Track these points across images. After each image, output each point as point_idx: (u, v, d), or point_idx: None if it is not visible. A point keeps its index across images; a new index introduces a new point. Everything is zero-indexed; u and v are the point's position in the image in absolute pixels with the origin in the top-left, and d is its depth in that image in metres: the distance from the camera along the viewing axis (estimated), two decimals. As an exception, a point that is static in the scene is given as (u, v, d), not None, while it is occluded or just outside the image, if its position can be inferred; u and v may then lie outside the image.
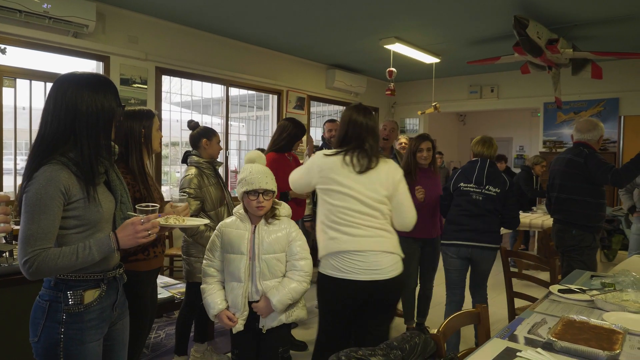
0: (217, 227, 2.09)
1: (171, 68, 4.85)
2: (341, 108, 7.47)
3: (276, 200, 2.06)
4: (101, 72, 4.37)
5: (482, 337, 1.77)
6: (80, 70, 1.53)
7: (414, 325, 3.61)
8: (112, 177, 1.59)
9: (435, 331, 1.57)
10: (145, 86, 4.61)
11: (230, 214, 2.77)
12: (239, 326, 1.99)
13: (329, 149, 2.23)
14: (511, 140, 9.17)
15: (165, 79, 5.06)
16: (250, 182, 1.95)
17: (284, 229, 2.02)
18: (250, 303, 2.01)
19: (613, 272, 2.52)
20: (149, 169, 2.17)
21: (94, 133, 1.44)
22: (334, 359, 1.26)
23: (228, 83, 5.48)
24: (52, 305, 1.43)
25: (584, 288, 2.19)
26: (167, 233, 2.27)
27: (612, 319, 1.76)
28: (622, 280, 2.22)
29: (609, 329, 1.64)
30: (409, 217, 2.10)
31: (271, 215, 2.01)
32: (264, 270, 1.97)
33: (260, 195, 1.95)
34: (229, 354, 3.04)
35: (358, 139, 2.08)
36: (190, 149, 2.91)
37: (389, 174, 2.08)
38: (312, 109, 6.97)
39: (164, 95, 5.00)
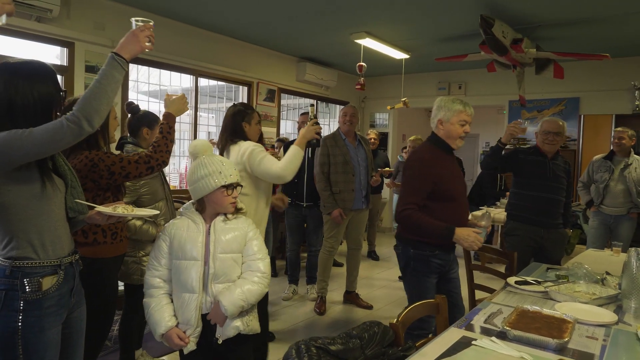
0: (163, 229, 1.85)
1: (139, 56, 4.73)
2: (312, 101, 7.48)
3: None
4: (65, 58, 4.24)
5: (441, 327, 1.83)
6: (16, 59, 1.51)
7: None
8: (58, 162, 1.59)
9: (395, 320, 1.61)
10: (111, 74, 4.50)
11: (169, 208, 2.64)
12: (191, 345, 1.76)
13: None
14: (478, 136, 9.37)
15: (133, 67, 4.95)
16: (226, 175, 1.77)
17: (241, 228, 1.83)
18: (204, 316, 1.77)
19: (568, 265, 2.64)
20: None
21: (32, 122, 1.42)
22: (294, 347, 1.29)
23: (197, 73, 5.40)
24: (9, 293, 1.41)
25: (539, 280, 2.28)
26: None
27: (563, 309, 1.84)
28: (575, 273, 2.32)
29: (560, 318, 1.72)
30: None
31: (234, 210, 1.85)
32: (218, 271, 1.75)
33: (235, 189, 1.81)
34: (164, 358, 2.96)
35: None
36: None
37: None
38: (283, 102, 6.95)
39: (131, 84, 4.89)
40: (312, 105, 2.67)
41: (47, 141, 1.36)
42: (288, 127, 7.48)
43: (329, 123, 8.03)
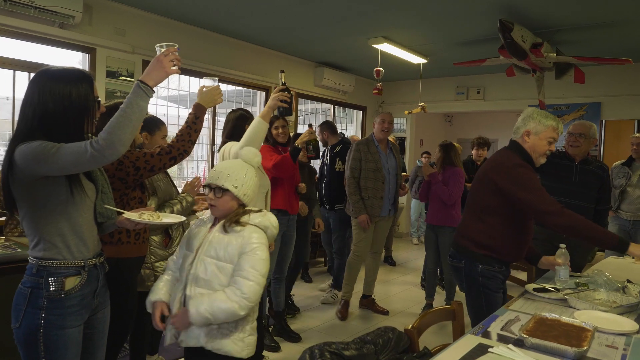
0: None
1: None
2: (330, 106, 7.49)
3: (253, 208, 1.79)
4: (87, 64, 4.34)
5: (457, 333, 1.81)
6: (57, 65, 1.55)
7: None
8: None
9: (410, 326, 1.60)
10: (132, 79, 4.59)
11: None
12: (167, 339, 1.72)
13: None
14: (497, 141, 9.26)
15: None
16: (210, 176, 1.74)
17: (239, 239, 1.65)
18: None
19: (588, 272, 2.58)
20: None
21: (64, 130, 1.47)
22: (307, 352, 1.29)
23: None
24: (34, 291, 1.47)
25: (558, 287, 2.24)
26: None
27: (583, 317, 1.81)
28: (595, 280, 2.27)
29: (579, 326, 1.69)
30: None
31: (230, 222, 1.68)
32: (199, 273, 1.66)
33: (212, 191, 1.70)
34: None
35: None
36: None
37: None
38: (300, 107, 6.98)
39: (150, 89, 4.97)
40: (282, 71, 2.60)
41: (70, 163, 1.40)
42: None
43: (346, 128, 8.03)
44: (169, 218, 1.73)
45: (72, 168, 1.43)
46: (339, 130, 4.93)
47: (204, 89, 2.20)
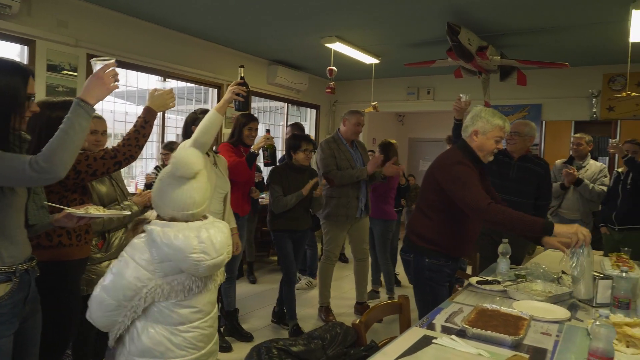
0: None
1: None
2: (283, 105, 7.48)
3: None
4: (26, 57, 4.12)
5: (404, 326, 1.86)
6: None
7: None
8: None
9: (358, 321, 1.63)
10: (76, 74, 4.39)
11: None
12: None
13: None
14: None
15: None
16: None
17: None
18: None
19: (527, 265, 2.72)
20: None
21: None
22: (255, 350, 1.29)
23: (166, 74, 5.33)
24: None
25: (498, 279, 2.35)
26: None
27: (520, 307, 1.91)
28: (533, 272, 2.40)
29: (517, 316, 1.78)
30: None
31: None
32: None
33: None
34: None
35: None
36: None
37: None
38: (254, 105, 6.92)
39: (96, 84, 4.77)
40: (241, 66, 2.61)
41: (4, 177, 1.33)
42: (260, 131, 7.45)
43: (300, 126, 8.04)
44: (113, 212, 1.67)
45: (6, 182, 1.36)
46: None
47: (156, 93, 2.14)
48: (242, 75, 2.53)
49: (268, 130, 3.52)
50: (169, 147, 3.85)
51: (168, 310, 1.47)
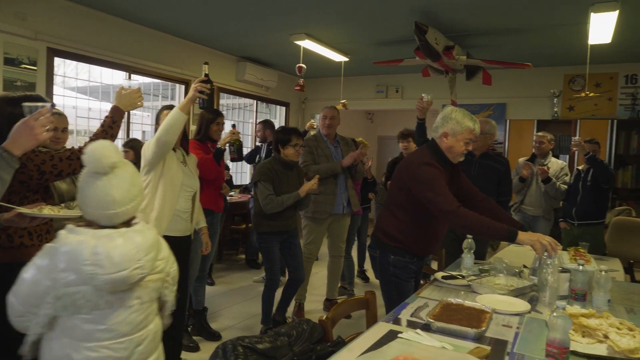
0: None
1: (66, 50, 4.50)
2: (252, 102, 7.42)
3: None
4: (-19, 49, 3.94)
5: (370, 322, 1.88)
6: None
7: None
8: None
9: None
10: (35, 68, 4.24)
11: None
12: None
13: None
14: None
15: (60, 61, 4.69)
16: None
17: None
18: None
19: (491, 259, 2.80)
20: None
21: None
22: (220, 348, 1.27)
23: (130, 69, 5.20)
24: None
25: (463, 274, 2.40)
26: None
27: (483, 300, 1.96)
28: (495, 267, 2.47)
29: (480, 309, 1.82)
30: None
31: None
32: None
33: None
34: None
35: None
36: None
37: None
38: (222, 102, 6.84)
39: (59, 79, 4.63)
40: (205, 63, 2.55)
41: None
42: (228, 127, 7.36)
43: (270, 124, 7.99)
44: (69, 212, 1.61)
45: None
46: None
47: (123, 92, 2.09)
48: (207, 72, 2.49)
49: (234, 126, 3.50)
50: (129, 145, 3.76)
51: (74, 323, 1.35)
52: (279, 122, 8.02)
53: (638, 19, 4.30)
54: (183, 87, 5.97)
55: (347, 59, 6.18)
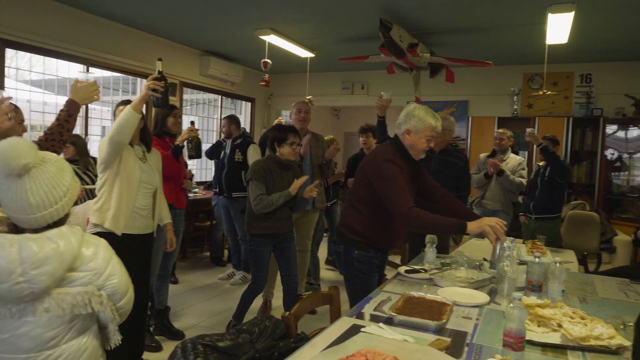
0: None
1: (18, 41, 4.30)
2: (217, 97, 7.31)
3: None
4: None
5: (334, 316, 1.88)
6: None
7: None
8: None
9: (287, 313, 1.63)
10: (-15, 59, 4.03)
11: None
12: None
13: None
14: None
15: (12, 53, 4.47)
16: None
17: None
18: None
19: (453, 253, 2.85)
20: None
21: None
22: (179, 347, 1.24)
23: (89, 62, 5.02)
24: None
25: (425, 268, 2.44)
26: None
27: (445, 293, 1.99)
28: (457, 260, 2.52)
29: (441, 302, 1.85)
30: None
31: None
32: None
33: None
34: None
35: None
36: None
37: None
38: (186, 96, 6.70)
39: (11, 71, 4.42)
40: (159, 59, 2.47)
41: None
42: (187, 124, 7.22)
43: (235, 119, 7.89)
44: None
45: None
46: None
47: (79, 84, 2.02)
48: (160, 69, 2.42)
49: (193, 122, 3.43)
50: (71, 141, 3.62)
51: None
52: (244, 118, 7.93)
53: (592, 20, 4.47)
54: (144, 81, 5.81)
55: (312, 55, 6.17)
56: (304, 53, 6.03)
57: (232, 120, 4.93)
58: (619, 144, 6.18)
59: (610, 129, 6.08)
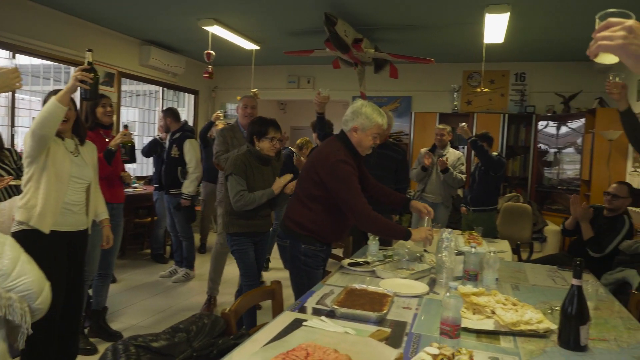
0: None
1: None
2: (158, 88, 7.05)
3: None
4: None
5: (276, 311, 1.86)
6: None
7: None
8: None
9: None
10: None
11: None
12: None
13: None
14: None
15: None
16: None
17: None
18: None
19: (395, 245, 2.91)
20: None
21: None
22: (110, 349, 1.18)
23: (15, 49, 4.68)
24: None
25: (368, 260, 2.48)
26: None
27: (386, 285, 2.02)
28: (399, 252, 2.57)
29: (382, 293, 1.88)
30: None
31: None
32: None
33: None
34: None
35: None
36: None
37: None
38: (124, 87, 6.42)
39: None
40: (89, 50, 2.34)
41: None
42: (130, 115, 6.95)
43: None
44: None
45: None
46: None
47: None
48: (90, 60, 2.29)
49: (126, 127, 3.28)
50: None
51: None
52: (187, 110, 7.71)
53: (526, 22, 4.69)
54: (79, 70, 5.50)
55: (258, 48, 6.09)
56: (249, 45, 5.93)
57: (169, 113, 4.77)
58: (550, 140, 6.56)
59: (542, 125, 6.44)
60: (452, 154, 4.77)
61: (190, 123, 7.59)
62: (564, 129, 6.40)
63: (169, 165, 4.65)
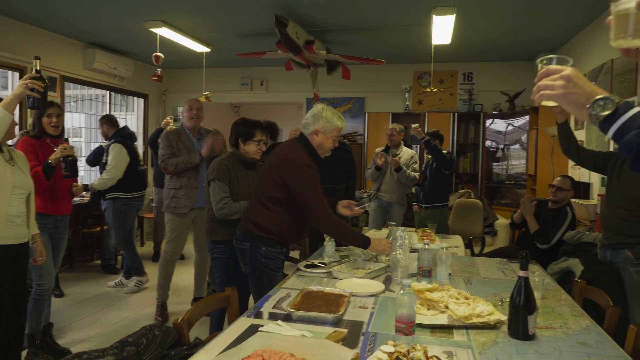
0: None
1: None
2: (105, 92, 6.79)
3: None
4: None
5: (232, 318, 1.82)
6: None
7: None
8: None
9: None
10: None
11: None
12: None
13: None
14: (281, 132, 9.79)
15: None
16: None
17: None
18: None
19: (351, 246, 2.92)
20: None
21: None
22: (51, 368, 1.11)
23: (-55, 52, 4.38)
24: None
25: (325, 262, 2.47)
26: None
27: (342, 285, 2.03)
28: (355, 252, 2.59)
29: (338, 294, 1.88)
30: None
31: None
32: None
33: None
34: None
35: None
36: None
37: None
38: (68, 92, 6.14)
39: None
40: (36, 58, 2.26)
41: None
42: (77, 121, 6.66)
43: (126, 117, 7.40)
44: None
45: None
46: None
47: None
48: (38, 68, 2.19)
49: (67, 140, 3.11)
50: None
51: None
52: (137, 114, 7.47)
53: (471, 23, 4.85)
54: (17, 74, 5.21)
55: (208, 50, 5.98)
56: (199, 47, 5.82)
57: (105, 120, 4.68)
58: (498, 137, 6.81)
59: (489, 122, 6.68)
60: (406, 153, 4.86)
61: (140, 128, 7.37)
62: (510, 127, 6.66)
63: (102, 172, 4.53)
